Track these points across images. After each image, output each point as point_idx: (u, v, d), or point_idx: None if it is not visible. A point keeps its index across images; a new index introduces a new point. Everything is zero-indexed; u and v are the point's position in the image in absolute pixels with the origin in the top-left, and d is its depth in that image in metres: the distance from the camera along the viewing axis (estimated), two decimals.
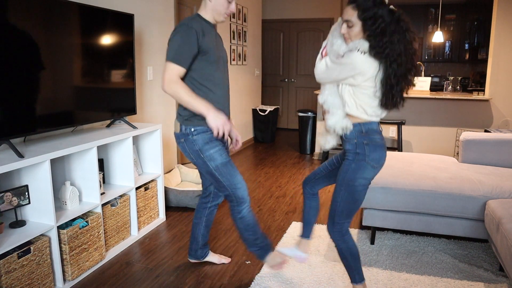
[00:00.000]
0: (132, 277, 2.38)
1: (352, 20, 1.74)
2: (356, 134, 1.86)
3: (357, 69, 1.73)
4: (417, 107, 4.95)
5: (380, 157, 1.87)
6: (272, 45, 7.53)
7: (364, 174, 1.86)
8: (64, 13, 2.32)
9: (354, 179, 1.86)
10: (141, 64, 3.45)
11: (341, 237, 1.96)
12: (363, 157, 1.84)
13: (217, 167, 2.06)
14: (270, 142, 6.45)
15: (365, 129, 1.85)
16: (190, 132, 2.05)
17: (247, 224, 2.15)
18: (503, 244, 2.08)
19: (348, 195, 1.89)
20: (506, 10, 4.55)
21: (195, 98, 1.95)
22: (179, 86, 1.93)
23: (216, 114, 1.95)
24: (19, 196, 2.06)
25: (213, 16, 2.06)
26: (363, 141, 1.85)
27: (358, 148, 1.85)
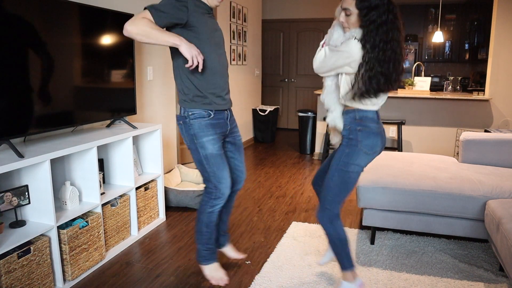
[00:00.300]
0: (132, 277, 2.38)
1: (350, 9, 1.77)
2: (350, 120, 1.90)
3: (352, 57, 1.77)
4: (417, 107, 4.95)
5: (374, 144, 1.89)
6: (272, 45, 7.53)
7: (357, 160, 1.89)
8: (64, 13, 2.32)
9: (347, 164, 1.90)
10: (141, 64, 3.45)
11: (330, 222, 1.98)
12: (355, 143, 1.88)
13: (207, 156, 2.06)
14: (270, 142, 6.45)
15: (359, 116, 1.88)
16: (188, 115, 2.03)
17: (211, 221, 2.17)
18: (503, 244, 2.08)
19: (340, 180, 1.92)
20: (506, 10, 4.55)
21: (163, 31, 1.84)
22: (143, 22, 1.78)
23: (189, 44, 1.85)
24: (19, 196, 2.06)
25: (207, 1, 2.02)
26: (356, 127, 1.88)
27: (352, 134, 1.89)
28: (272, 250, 2.72)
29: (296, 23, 7.26)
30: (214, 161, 2.07)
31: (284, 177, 4.49)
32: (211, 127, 2.06)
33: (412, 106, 4.96)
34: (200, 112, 2.03)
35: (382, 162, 3.04)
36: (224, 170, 2.10)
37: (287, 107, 7.70)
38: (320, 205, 2.01)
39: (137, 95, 3.20)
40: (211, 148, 2.05)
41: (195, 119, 2.03)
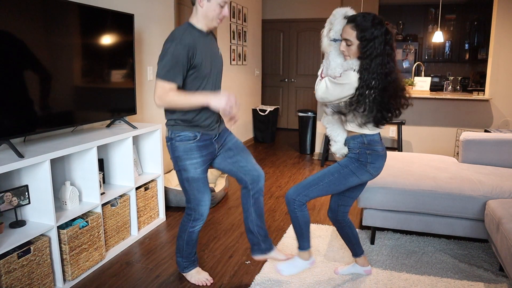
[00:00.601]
0: (132, 277, 2.38)
1: (351, 40, 1.82)
2: (359, 145, 1.98)
3: (355, 88, 1.83)
4: (417, 107, 4.95)
5: (380, 166, 2.01)
6: (272, 45, 7.53)
7: (359, 175, 2.01)
8: (64, 13, 2.32)
9: (348, 175, 2.00)
10: (141, 64, 3.45)
11: (300, 206, 2.04)
12: (364, 164, 1.98)
13: (188, 179, 2.08)
14: (270, 142, 6.45)
15: (367, 140, 1.97)
16: (174, 137, 2.05)
17: (191, 239, 2.24)
18: (503, 244, 2.08)
19: (335, 184, 2.01)
20: (506, 10, 4.55)
21: (189, 96, 1.91)
22: (170, 95, 1.89)
23: (216, 98, 1.89)
24: (19, 196, 2.06)
25: (205, 23, 1.97)
26: (366, 151, 1.97)
27: (362, 157, 1.98)
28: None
29: (296, 23, 7.26)
30: (195, 185, 2.09)
31: (284, 177, 4.49)
32: (197, 149, 2.04)
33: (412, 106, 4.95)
34: (186, 134, 2.03)
35: None
36: (204, 194, 2.13)
37: (287, 107, 7.70)
38: (297, 189, 2.04)
39: (137, 95, 3.20)
40: (193, 171, 2.06)
41: (181, 141, 2.03)
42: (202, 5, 1.93)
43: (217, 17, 1.96)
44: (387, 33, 1.78)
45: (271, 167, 4.92)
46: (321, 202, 3.65)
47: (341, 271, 2.40)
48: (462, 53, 7.26)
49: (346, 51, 1.86)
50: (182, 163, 2.05)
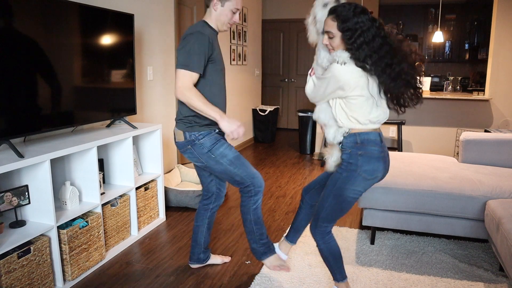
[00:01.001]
0: (132, 277, 2.38)
1: (332, 32, 1.73)
2: (351, 144, 1.82)
3: (340, 81, 1.71)
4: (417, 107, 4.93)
5: (375, 169, 1.81)
6: (272, 45, 7.53)
7: (354, 186, 1.82)
8: (64, 13, 2.32)
9: (343, 188, 1.84)
10: (141, 64, 3.45)
11: (322, 238, 1.96)
12: (355, 167, 1.80)
13: (231, 162, 2.09)
14: (270, 142, 6.45)
15: (360, 139, 1.81)
16: (196, 137, 2.07)
17: (258, 216, 2.20)
18: (503, 244, 2.08)
19: (335, 203, 1.88)
20: (506, 10, 4.56)
21: (208, 105, 1.97)
22: (193, 93, 1.94)
23: (229, 119, 1.97)
24: (19, 196, 2.06)
25: (216, 25, 2.09)
26: (357, 152, 1.80)
27: (352, 158, 1.81)
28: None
29: (296, 23, 7.25)
30: (239, 162, 2.11)
31: (284, 177, 4.49)
32: (220, 137, 2.13)
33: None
34: (206, 131, 2.09)
35: None
36: (250, 166, 2.15)
37: (287, 107, 7.70)
38: (314, 220, 1.97)
39: (137, 95, 3.20)
40: (230, 153, 2.10)
41: (204, 137, 2.08)
42: (216, 9, 2.05)
43: (228, 21, 2.08)
44: (373, 19, 1.69)
45: (271, 167, 4.92)
46: None
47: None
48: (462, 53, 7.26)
49: (329, 44, 1.76)
50: (218, 152, 2.08)
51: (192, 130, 2.08)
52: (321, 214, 1.93)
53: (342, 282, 2.04)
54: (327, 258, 2.00)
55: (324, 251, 1.99)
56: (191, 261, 2.47)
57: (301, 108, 6.77)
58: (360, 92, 1.73)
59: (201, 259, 2.46)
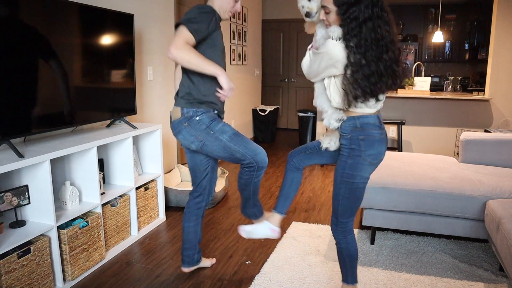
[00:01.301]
0: (132, 277, 2.38)
1: (328, 6, 1.66)
2: (350, 128, 1.76)
3: (333, 58, 1.65)
4: (417, 107, 4.95)
5: (379, 153, 1.77)
6: (272, 45, 7.53)
7: (361, 172, 1.78)
8: (64, 13, 2.32)
9: (352, 176, 1.78)
10: (141, 64, 3.45)
11: (344, 236, 1.92)
12: (358, 153, 1.75)
13: (231, 138, 2.05)
14: (270, 142, 6.45)
15: (359, 123, 1.74)
16: (194, 113, 2.03)
17: (257, 187, 2.20)
18: (503, 244, 2.08)
19: (349, 192, 1.82)
20: (506, 10, 4.56)
21: (206, 60, 1.90)
22: (187, 48, 1.85)
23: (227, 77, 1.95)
24: (19, 196, 2.06)
25: (219, 12, 2.07)
26: (358, 136, 1.74)
27: (353, 144, 1.75)
28: (272, 250, 2.72)
29: (296, 23, 7.26)
30: (239, 138, 2.06)
31: None
32: (218, 117, 2.12)
33: (412, 106, 4.96)
34: (204, 109, 2.06)
35: (382, 162, 3.04)
36: (251, 142, 2.11)
37: (287, 107, 7.70)
38: (333, 219, 1.92)
39: (137, 95, 3.20)
40: (230, 129, 2.07)
41: (203, 113, 2.04)
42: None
43: (229, 10, 2.09)
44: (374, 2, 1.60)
45: (271, 167, 4.92)
46: (321, 202, 3.65)
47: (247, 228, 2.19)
48: (462, 53, 7.26)
49: (326, 19, 1.70)
50: (217, 127, 2.05)
51: (191, 107, 2.04)
52: (338, 209, 1.87)
53: (352, 285, 2.00)
54: (344, 259, 1.95)
55: (344, 250, 1.93)
56: (184, 265, 2.37)
57: (301, 108, 6.78)
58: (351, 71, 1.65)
59: (195, 260, 2.38)
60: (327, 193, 3.91)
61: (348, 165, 1.78)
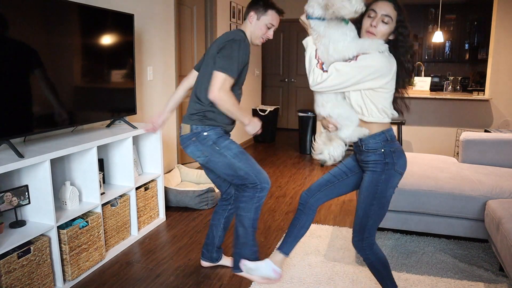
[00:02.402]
0: (132, 277, 2.38)
1: (391, 18, 1.69)
2: (382, 143, 1.75)
3: (379, 71, 1.66)
4: (417, 107, 4.95)
5: (405, 163, 1.80)
6: (272, 45, 7.53)
7: (393, 184, 1.79)
8: (64, 13, 2.32)
9: (385, 190, 1.77)
10: (141, 64, 3.45)
11: (371, 250, 1.86)
12: (392, 166, 1.75)
13: (236, 155, 2.09)
14: (270, 142, 6.45)
15: (389, 136, 1.77)
16: (202, 129, 2.09)
17: (258, 216, 2.18)
18: (503, 244, 2.08)
19: (380, 208, 1.80)
20: (506, 10, 4.56)
21: (240, 109, 2.04)
22: (228, 96, 1.99)
23: (255, 122, 2.09)
24: (19, 196, 2.06)
25: (250, 37, 2.12)
26: (390, 149, 1.75)
27: (387, 158, 1.75)
28: (272, 250, 2.72)
29: (296, 23, 7.21)
30: (244, 157, 2.11)
31: (284, 177, 4.49)
32: (226, 134, 2.17)
33: (412, 106, 4.89)
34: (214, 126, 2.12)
35: None
36: (256, 163, 2.15)
37: (287, 107, 7.70)
38: (358, 236, 1.85)
39: (137, 95, 3.20)
40: (235, 147, 2.11)
41: (210, 129, 2.09)
42: (251, 21, 2.10)
43: (261, 36, 2.12)
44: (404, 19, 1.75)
45: (271, 167, 4.92)
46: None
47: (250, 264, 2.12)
48: (462, 53, 7.26)
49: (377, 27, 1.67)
50: (223, 144, 2.10)
51: (200, 124, 2.10)
52: (367, 225, 1.82)
53: None
54: (379, 270, 1.89)
55: (376, 263, 1.88)
56: (203, 258, 2.47)
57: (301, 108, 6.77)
58: (392, 86, 1.73)
59: (213, 258, 2.45)
60: None
61: (382, 181, 1.76)
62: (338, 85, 1.71)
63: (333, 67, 1.71)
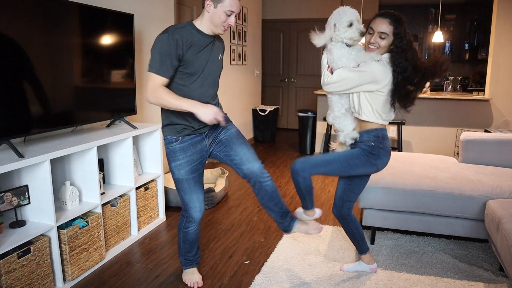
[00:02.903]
0: (132, 277, 2.38)
1: (387, 33, 1.96)
2: (373, 138, 2.05)
3: (375, 78, 1.96)
4: (417, 107, 4.88)
5: (387, 163, 2.10)
6: (272, 45, 7.53)
7: (367, 170, 2.09)
8: (64, 13, 2.32)
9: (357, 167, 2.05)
10: (141, 64, 3.45)
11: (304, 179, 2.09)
12: (375, 158, 2.04)
13: (175, 181, 2.12)
14: (270, 142, 6.45)
15: (381, 134, 2.06)
16: (165, 138, 2.11)
17: (186, 239, 2.24)
18: (503, 244, 2.08)
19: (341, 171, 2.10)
20: (506, 10, 4.55)
21: (180, 99, 1.89)
22: (160, 91, 1.88)
23: (204, 109, 1.88)
24: (19, 196, 2.06)
25: (209, 28, 1.96)
26: (379, 145, 2.04)
27: (374, 150, 2.04)
28: (272, 250, 2.72)
29: (296, 23, 7.25)
30: (180, 186, 2.11)
31: (284, 177, 4.49)
32: (180, 151, 2.06)
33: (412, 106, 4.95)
34: (169, 138, 2.07)
35: None
36: (191, 195, 2.11)
37: (287, 107, 7.70)
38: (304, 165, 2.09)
39: (137, 95, 3.20)
40: (177, 173, 2.08)
41: (167, 144, 2.09)
42: (208, 10, 1.93)
43: (221, 24, 1.95)
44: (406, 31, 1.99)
45: (271, 167, 4.92)
46: (321, 203, 3.65)
47: (346, 269, 2.43)
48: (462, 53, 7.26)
49: (377, 43, 1.97)
50: (170, 166, 2.10)
51: (163, 132, 2.11)
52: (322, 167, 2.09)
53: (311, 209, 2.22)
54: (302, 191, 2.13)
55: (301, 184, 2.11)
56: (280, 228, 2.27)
57: (301, 108, 6.77)
58: (387, 91, 1.99)
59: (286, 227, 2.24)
60: (327, 193, 3.91)
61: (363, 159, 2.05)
62: (341, 87, 2.04)
63: (338, 72, 2.04)
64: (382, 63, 1.98)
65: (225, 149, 2.12)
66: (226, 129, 2.14)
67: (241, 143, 2.13)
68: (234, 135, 2.14)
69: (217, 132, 2.14)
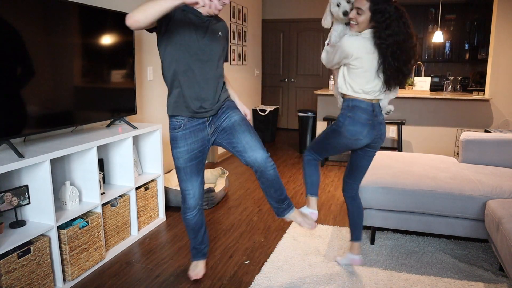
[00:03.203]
0: (132, 277, 2.38)
1: (362, 9, 1.97)
2: (344, 107, 2.15)
3: (345, 51, 2.02)
4: (417, 107, 4.95)
5: (357, 132, 2.10)
6: (272, 45, 7.53)
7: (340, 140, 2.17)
8: (64, 13, 2.32)
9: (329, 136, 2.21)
10: (141, 64, 3.45)
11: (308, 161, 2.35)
12: (341, 125, 2.12)
13: (175, 167, 2.15)
14: (270, 142, 6.45)
15: (351, 104, 2.11)
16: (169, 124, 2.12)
17: (187, 225, 2.28)
18: (503, 244, 2.08)
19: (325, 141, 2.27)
20: (506, 10, 4.55)
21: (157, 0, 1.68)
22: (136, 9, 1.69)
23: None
24: (19, 196, 2.06)
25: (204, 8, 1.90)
26: (347, 113, 2.11)
27: (341, 117, 2.14)
28: (272, 250, 2.72)
29: (296, 23, 7.25)
30: (178, 175, 2.14)
31: (284, 177, 4.49)
32: (182, 138, 2.05)
33: (412, 106, 4.96)
34: (173, 123, 2.08)
35: (382, 162, 3.04)
36: (186, 182, 2.13)
37: (287, 107, 7.70)
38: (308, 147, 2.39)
39: (137, 95, 3.20)
40: (176, 161, 2.11)
41: (170, 130, 2.10)
42: None
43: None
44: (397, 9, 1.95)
45: None
46: (321, 202, 3.65)
47: (339, 260, 2.53)
48: (462, 53, 7.25)
49: (355, 19, 2.00)
50: (172, 152, 2.12)
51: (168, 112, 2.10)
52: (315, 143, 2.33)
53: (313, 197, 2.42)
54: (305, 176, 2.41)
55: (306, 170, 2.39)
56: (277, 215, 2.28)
57: (301, 108, 6.77)
58: (360, 64, 2.01)
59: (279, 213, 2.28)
60: (327, 193, 3.91)
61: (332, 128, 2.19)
62: (327, 62, 2.20)
63: (325, 49, 2.22)
64: (356, 38, 2.02)
65: (228, 136, 2.08)
66: (229, 116, 2.11)
67: (244, 130, 2.10)
68: (237, 123, 2.10)
69: (221, 120, 2.11)
